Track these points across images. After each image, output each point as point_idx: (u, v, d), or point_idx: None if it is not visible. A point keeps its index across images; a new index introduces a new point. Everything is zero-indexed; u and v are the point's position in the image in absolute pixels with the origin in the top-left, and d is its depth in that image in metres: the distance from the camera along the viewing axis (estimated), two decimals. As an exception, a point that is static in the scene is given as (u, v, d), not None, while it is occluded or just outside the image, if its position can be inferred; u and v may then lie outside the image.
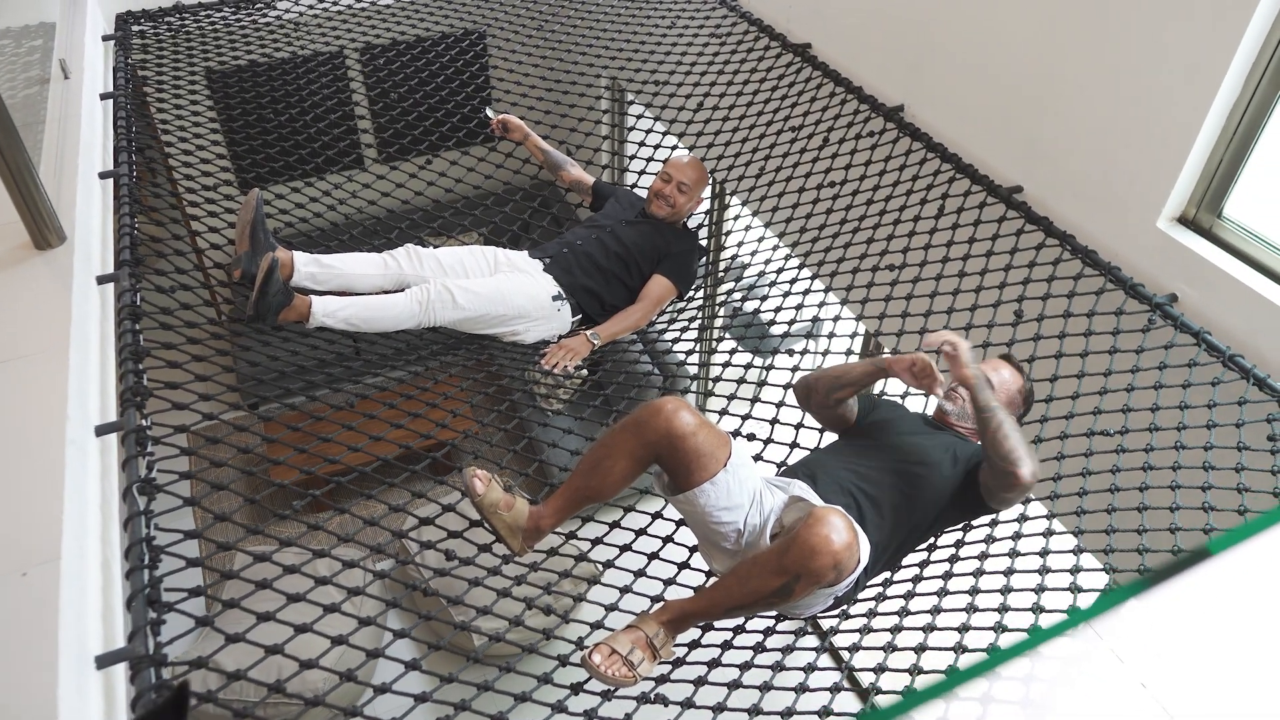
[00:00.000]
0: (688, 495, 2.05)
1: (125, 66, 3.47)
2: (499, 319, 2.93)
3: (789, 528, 1.96)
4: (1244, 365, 2.30)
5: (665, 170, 3.29)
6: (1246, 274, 2.41)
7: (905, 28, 3.34)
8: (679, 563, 2.34)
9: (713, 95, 3.76)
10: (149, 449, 2.03)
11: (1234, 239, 2.46)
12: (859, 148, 3.32)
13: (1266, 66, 2.27)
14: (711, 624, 2.09)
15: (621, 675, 1.84)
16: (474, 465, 2.14)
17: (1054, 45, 2.78)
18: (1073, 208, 2.79)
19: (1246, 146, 2.39)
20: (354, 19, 4.18)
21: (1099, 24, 2.62)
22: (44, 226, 2.33)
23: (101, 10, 3.89)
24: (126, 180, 2.80)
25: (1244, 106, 2.34)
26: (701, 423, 2.03)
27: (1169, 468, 2.21)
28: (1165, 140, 2.51)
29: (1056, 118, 2.82)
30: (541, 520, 2.10)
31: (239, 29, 4.01)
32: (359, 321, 2.78)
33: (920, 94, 3.32)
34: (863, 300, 2.95)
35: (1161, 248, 2.57)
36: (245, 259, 2.69)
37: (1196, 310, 2.50)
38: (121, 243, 2.58)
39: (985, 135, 3.08)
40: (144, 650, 1.64)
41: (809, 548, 1.75)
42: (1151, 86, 2.50)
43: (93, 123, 3.02)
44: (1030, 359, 2.57)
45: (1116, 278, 2.58)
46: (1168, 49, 2.44)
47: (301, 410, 2.61)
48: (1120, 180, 2.66)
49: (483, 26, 4.31)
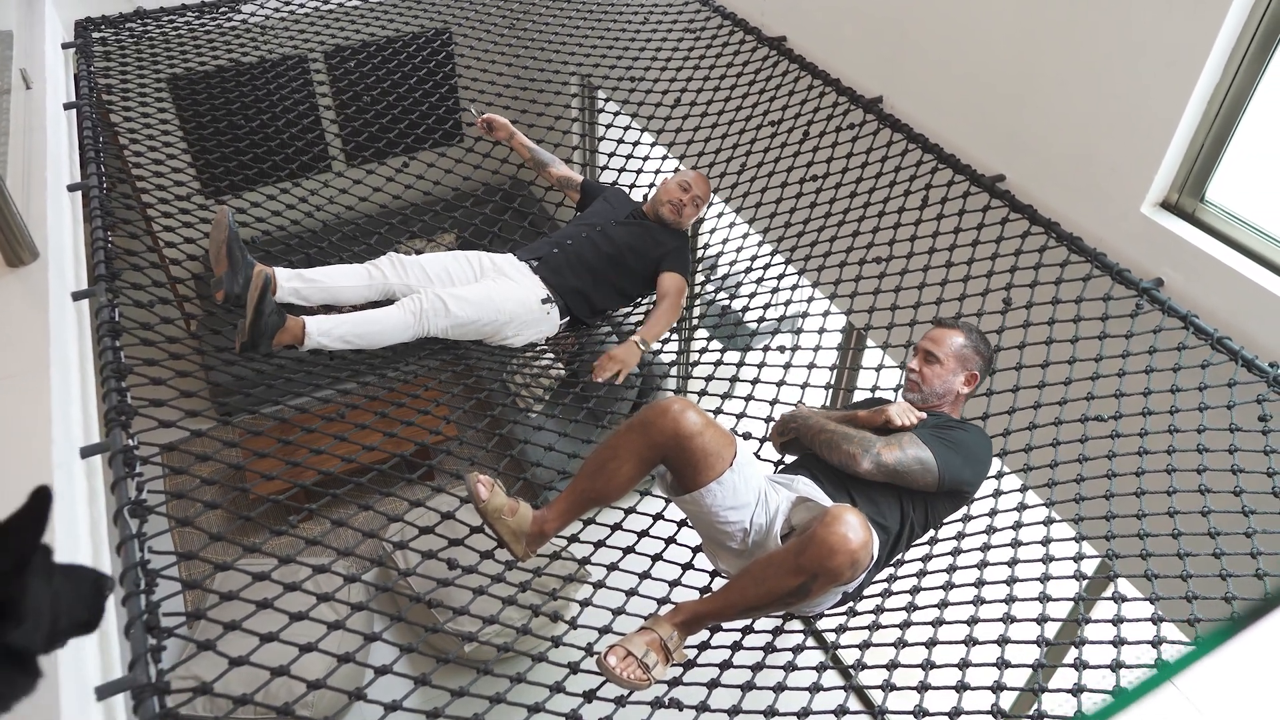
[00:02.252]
0: (694, 496, 2.04)
1: (88, 74, 3.37)
2: (490, 324, 2.89)
3: (800, 527, 1.95)
4: (1232, 347, 2.33)
5: (684, 180, 3.24)
6: (1231, 257, 2.44)
7: (881, 19, 3.35)
8: (683, 564, 2.32)
9: (689, 91, 3.74)
10: (137, 469, 1.97)
11: (1217, 223, 2.49)
12: (839, 140, 3.32)
13: (1246, 51, 2.30)
14: (720, 625, 2.07)
15: (637, 678, 1.82)
16: (475, 471, 2.11)
17: (1032, 32, 2.79)
18: (1056, 195, 2.82)
19: (1227, 131, 2.42)
20: (320, 20, 4.10)
21: (1076, 11, 2.64)
22: (16, 243, 2.25)
23: (60, 17, 3.77)
24: (97, 192, 2.72)
25: (1224, 92, 2.37)
26: (708, 422, 2.01)
27: (1164, 451, 2.24)
28: (1147, 126, 2.53)
29: (1037, 106, 2.84)
30: (545, 524, 2.07)
31: (203, 33, 3.91)
32: (354, 338, 2.71)
33: (899, 85, 3.33)
34: (851, 294, 2.95)
35: (1146, 233, 2.60)
36: (226, 279, 2.60)
37: (1183, 294, 2.53)
38: (96, 257, 2.51)
39: (966, 125, 3.09)
40: (145, 679, 1.59)
41: (827, 547, 1.75)
42: (1132, 73, 2.53)
43: (58, 134, 2.93)
44: (1020, 346, 2.59)
45: (1102, 264, 2.61)
46: (1147, 36, 2.46)
47: (290, 422, 2.55)
48: (1103, 167, 2.68)
49: (448, 25, 4.25)
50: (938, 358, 2.30)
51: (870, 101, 3.32)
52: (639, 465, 2.04)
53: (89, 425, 2.16)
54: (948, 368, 2.30)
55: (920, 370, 2.31)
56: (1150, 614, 1.87)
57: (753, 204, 3.42)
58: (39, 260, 2.33)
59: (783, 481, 2.19)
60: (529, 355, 3.20)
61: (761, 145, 3.49)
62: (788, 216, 3.30)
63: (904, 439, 2.12)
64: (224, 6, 3.99)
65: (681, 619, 1.95)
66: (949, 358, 2.30)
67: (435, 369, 3.01)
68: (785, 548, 1.86)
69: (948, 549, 2.24)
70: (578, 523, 2.25)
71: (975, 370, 2.32)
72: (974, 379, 2.33)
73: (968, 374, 2.32)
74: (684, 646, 1.96)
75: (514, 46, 4.10)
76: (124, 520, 1.82)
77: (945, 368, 2.30)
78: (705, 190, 3.28)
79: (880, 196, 3.14)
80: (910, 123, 3.19)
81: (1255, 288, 2.38)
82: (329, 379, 2.95)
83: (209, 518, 4.34)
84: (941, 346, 2.32)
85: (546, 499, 2.23)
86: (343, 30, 4.09)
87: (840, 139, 3.32)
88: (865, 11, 3.40)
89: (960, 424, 2.27)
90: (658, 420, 2.00)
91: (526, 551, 2.07)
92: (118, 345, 2.27)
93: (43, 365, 2.04)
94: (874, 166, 3.20)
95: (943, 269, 2.86)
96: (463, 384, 2.96)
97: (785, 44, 3.70)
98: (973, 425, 2.32)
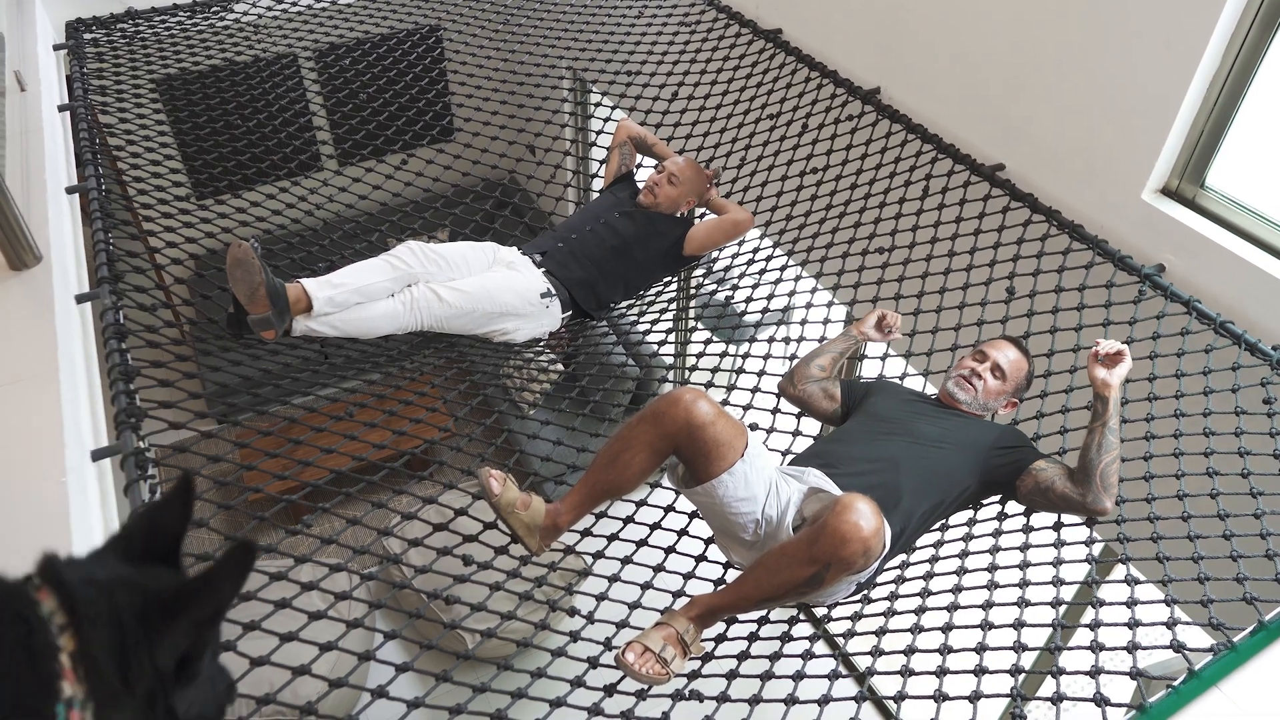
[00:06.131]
0: (705, 487, 2.04)
1: (81, 76, 3.34)
2: (487, 317, 2.88)
3: (813, 518, 1.96)
4: (1235, 331, 2.36)
5: (662, 165, 3.29)
6: (1232, 242, 2.46)
7: (876, 9, 3.35)
8: (696, 556, 2.33)
9: (685, 85, 3.74)
10: (150, 471, 1.96)
11: (1218, 208, 2.51)
12: (838, 132, 3.32)
13: (1246, 35, 2.31)
14: (735, 617, 2.08)
15: (656, 673, 1.83)
16: (486, 465, 2.11)
17: (1028, 18, 2.80)
18: (1056, 183, 2.83)
19: (1227, 117, 2.44)
20: (314, 19, 4.08)
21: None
22: (19, 246, 2.24)
23: (50, 19, 3.74)
24: (97, 194, 2.70)
25: (1224, 77, 2.39)
26: (719, 413, 2.02)
27: (1170, 436, 2.26)
28: (1146, 113, 2.55)
29: (1035, 93, 2.85)
30: (559, 518, 2.07)
31: (195, 33, 3.88)
32: (344, 324, 2.71)
33: (896, 76, 3.34)
34: (854, 285, 2.96)
35: (1147, 219, 2.62)
36: (275, 319, 2.55)
37: (1184, 280, 2.55)
38: (99, 259, 2.49)
39: (964, 114, 3.10)
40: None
41: (840, 536, 1.75)
42: (1130, 60, 2.54)
43: (54, 136, 2.91)
44: (1025, 335, 2.60)
45: (1104, 250, 2.62)
46: (1146, 21, 2.47)
47: (298, 422, 2.54)
48: (1103, 154, 2.70)
49: (440, 22, 4.24)
50: (1005, 373, 2.36)
51: (868, 92, 3.32)
52: (651, 456, 2.04)
53: (98, 428, 2.15)
54: (1006, 388, 2.36)
55: (985, 380, 2.35)
56: (1164, 596, 1.89)
57: (752, 198, 3.42)
58: (42, 263, 2.32)
59: (793, 473, 2.19)
60: (531, 352, 3.20)
61: (759, 139, 3.49)
62: (788, 210, 3.31)
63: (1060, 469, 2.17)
64: (215, 6, 3.97)
65: (697, 612, 1.95)
66: (1012, 380, 2.37)
67: (439, 366, 3.00)
68: (798, 537, 1.87)
69: (959, 534, 2.25)
70: (589, 516, 2.26)
71: (1018, 400, 2.41)
72: (1014, 406, 2.41)
73: (1010, 402, 2.40)
74: (700, 640, 1.97)
75: (508, 43, 4.09)
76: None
77: (1004, 387, 2.36)
78: (685, 171, 3.27)
79: (880, 188, 3.14)
80: (908, 113, 3.20)
81: (1257, 272, 2.40)
82: (335, 377, 2.94)
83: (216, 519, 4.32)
84: (1013, 367, 2.37)
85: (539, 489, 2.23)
86: (337, 29, 4.07)
87: (839, 131, 3.32)
88: (861, 2, 3.41)
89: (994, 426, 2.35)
90: (669, 410, 2.00)
91: (541, 545, 2.07)
92: (124, 348, 2.26)
93: (51, 369, 2.03)
94: (873, 158, 3.21)
95: (944, 259, 2.87)
96: (468, 380, 2.96)
97: (781, 36, 3.70)
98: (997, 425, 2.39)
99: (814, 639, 2.00)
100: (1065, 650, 1.82)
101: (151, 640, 0.72)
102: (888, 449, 2.19)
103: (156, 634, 0.73)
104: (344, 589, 2.48)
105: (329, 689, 1.73)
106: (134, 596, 0.73)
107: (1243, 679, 0.85)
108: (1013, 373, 2.36)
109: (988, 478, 2.21)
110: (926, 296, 2.83)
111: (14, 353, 2.06)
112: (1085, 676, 1.73)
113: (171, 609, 0.73)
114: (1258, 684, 0.87)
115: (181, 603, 0.74)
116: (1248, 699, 1.09)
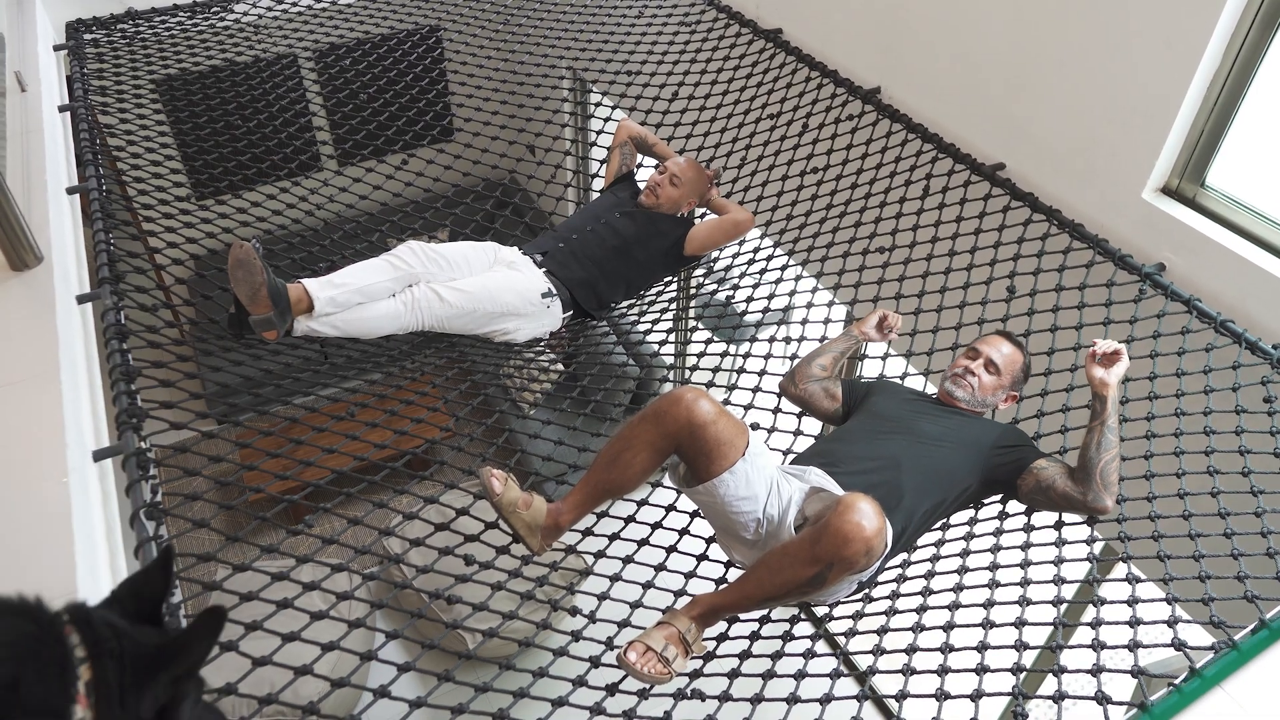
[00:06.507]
0: (707, 486, 2.04)
1: (81, 76, 3.34)
2: (488, 316, 2.88)
3: (814, 517, 1.96)
4: (1235, 330, 2.36)
5: (664, 165, 3.29)
6: (1232, 241, 2.47)
7: (876, 9, 3.36)
8: (697, 555, 2.33)
9: (686, 85, 3.74)
10: (151, 472, 1.96)
11: (1218, 207, 2.51)
12: (839, 132, 3.33)
13: (1246, 35, 2.32)
14: (737, 616, 2.08)
15: (658, 672, 1.83)
16: (488, 465, 2.11)
17: (1028, 17, 2.81)
18: (1057, 183, 2.83)
19: (1228, 116, 2.44)
20: (315, 19, 4.08)
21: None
22: (20, 246, 2.24)
23: (50, 19, 3.74)
24: (98, 194, 2.70)
25: (1225, 76, 2.39)
26: (720, 412, 2.02)
27: (1171, 434, 2.26)
28: (1147, 112, 2.55)
29: (1035, 92, 2.85)
30: (561, 517, 2.07)
31: (195, 34, 3.89)
32: (344, 324, 2.71)
33: (896, 75, 3.34)
34: (855, 285, 2.96)
35: (1147, 218, 2.62)
36: (277, 320, 2.55)
37: (1185, 279, 2.55)
38: (99, 259, 2.49)
39: (964, 114, 3.11)
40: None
41: (842, 535, 1.75)
42: (1131, 59, 2.54)
43: (55, 136, 2.91)
44: (1026, 334, 2.60)
45: (1105, 249, 2.63)
46: (1146, 21, 2.48)
47: (299, 422, 2.55)
48: (1103, 153, 2.70)
49: (440, 23, 4.24)
50: (999, 368, 2.36)
51: (868, 92, 3.32)
52: (653, 455, 2.04)
53: (99, 429, 2.15)
54: (1002, 382, 2.37)
55: (980, 376, 2.35)
56: (1165, 595, 1.89)
57: (753, 198, 3.42)
58: (43, 264, 2.32)
59: (795, 472, 2.20)
60: (532, 352, 3.20)
61: (760, 139, 3.49)
62: (788, 210, 3.31)
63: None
64: (215, 6, 3.97)
65: (699, 612, 1.95)
66: (1008, 374, 2.37)
67: (440, 366, 3.00)
68: (800, 537, 1.87)
69: (960, 534, 2.25)
70: (591, 516, 2.26)
71: (1017, 393, 2.41)
72: (1014, 400, 2.42)
73: (1009, 395, 2.40)
74: (702, 639, 1.97)
75: (508, 43, 4.09)
76: (140, 523, 1.81)
77: (1000, 382, 2.36)
78: (686, 171, 3.26)
79: (880, 187, 3.14)
80: (909, 113, 3.20)
81: (1257, 271, 2.40)
82: (336, 377, 2.94)
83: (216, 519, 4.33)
84: (1007, 361, 2.37)
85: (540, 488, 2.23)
86: (337, 29, 4.07)
87: (839, 130, 3.33)
88: (861, 2, 3.41)
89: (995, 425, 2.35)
90: (671, 410, 2.00)
91: (542, 545, 2.08)
92: (125, 348, 2.26)
93: (52, 370, 2.03)
94: (873, 157, 3.21)
95: (945, 259, 2.87)
96: (469, 380, 2.96)
97: (781, 36, 3.70)
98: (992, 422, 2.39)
99: (815, 638, 2.00)
100: (1066, 648, 1.82)
101: (139, 690, 0.85)
102: (889, 448, 2.20)
103: (141, 687, 0.86)
104: (345, 589, 2.49)
105: (331, 689, 1.73)
106: (134, 646, 0.87)
107: (1246, 678, 0.85)
108: (1007, 366, 2.36)
109: (989, 476, 2.21)
110: (927, 296, 2.83)
111: (15, 353, 2.06)
112: (1087, 675, 1.73)
113: (153, 665, 0.86)
114: (1261, 683, 0.87)
115: (162, 660, 0.87)
116: (1251, 698, 1.09)
